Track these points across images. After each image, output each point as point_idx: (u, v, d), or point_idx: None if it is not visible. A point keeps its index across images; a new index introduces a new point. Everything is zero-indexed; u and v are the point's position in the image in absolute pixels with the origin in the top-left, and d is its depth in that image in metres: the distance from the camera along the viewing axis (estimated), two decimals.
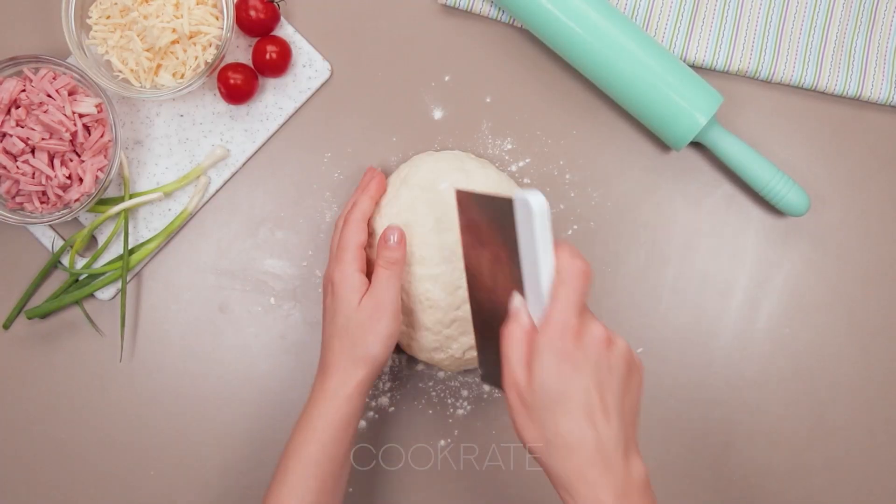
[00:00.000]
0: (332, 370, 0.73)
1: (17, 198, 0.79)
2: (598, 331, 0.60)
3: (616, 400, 0.59)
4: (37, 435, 0.83)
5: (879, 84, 0.83)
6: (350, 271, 0.73)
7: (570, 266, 0.60)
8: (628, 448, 0.59)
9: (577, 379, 0.58)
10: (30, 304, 0.83)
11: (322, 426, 0.72)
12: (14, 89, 0.77)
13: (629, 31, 0.79)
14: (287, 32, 0.84)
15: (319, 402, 0.72)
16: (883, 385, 0.84)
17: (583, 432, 0.58)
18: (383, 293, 0.73)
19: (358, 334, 0.72)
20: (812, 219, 0.84)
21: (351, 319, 0.72)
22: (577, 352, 0.59)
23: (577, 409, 0.58)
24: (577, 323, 0.59)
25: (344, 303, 0.73)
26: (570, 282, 0.60)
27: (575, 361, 0.58)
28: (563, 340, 0.59)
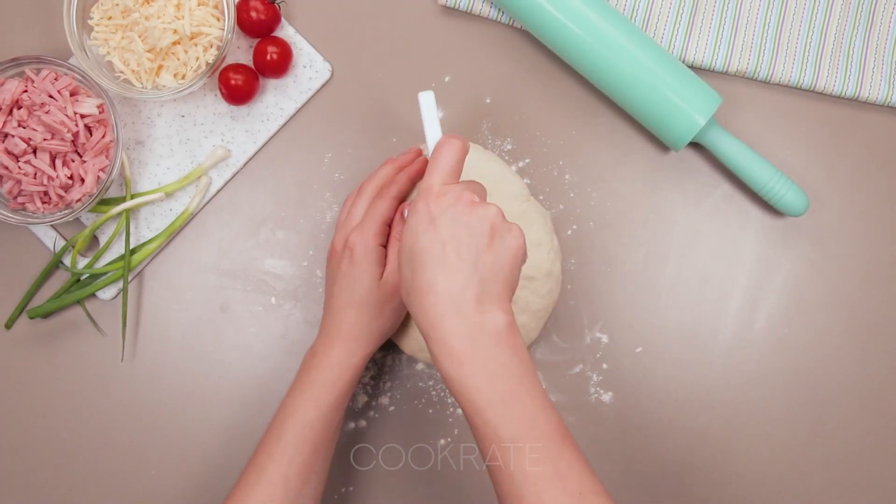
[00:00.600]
0: (342, 338, 0.73)
1: (19, 198, 0.79)
2: (462, 195, 0.64)
3: (471, 253, 0.62)
4: (38, 434, 0.83)
5: (878, 84, 0.84)
6: (374, 244, 0.73)
7: (444, 142, 0.66)
8: (483, 299, 0.61)
9: (432, 234, 0.62)
10: (31, 304, 0.84)
11: (324, 392, 0.72)
12: (16, 90, 0.77)
13: (628, 31, 0.79)
14: (288, 33, 0.84)
15: (325, 367, 0.72)
16: (882, 384, 0.84)
17: (433, 280, 0.61)
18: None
19: (377, 309, 0.73)
20: (811, 219, 0.85)
21: (371, 293, 0.73)
22: (435, 209, 0.63)
23: (430, 261, 0.62)
24: (440, 187, 0.64)
25: (366, 274, 0.73)
26: (436, 153, 0.66)
27: (432, 218, 0.63)
28: (424, 201, 0.63)
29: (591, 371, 0.84)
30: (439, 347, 0.60)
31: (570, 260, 0.84)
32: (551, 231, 0.79)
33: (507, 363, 0.60)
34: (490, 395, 0.59)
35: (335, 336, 0.73)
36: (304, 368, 0.74)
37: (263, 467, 0.70)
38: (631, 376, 0.84)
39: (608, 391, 0.84)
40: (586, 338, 0.84)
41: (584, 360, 0.84)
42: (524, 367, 0.61)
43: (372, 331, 0.73)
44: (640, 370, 0.84)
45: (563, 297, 0.83)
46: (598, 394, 0.84)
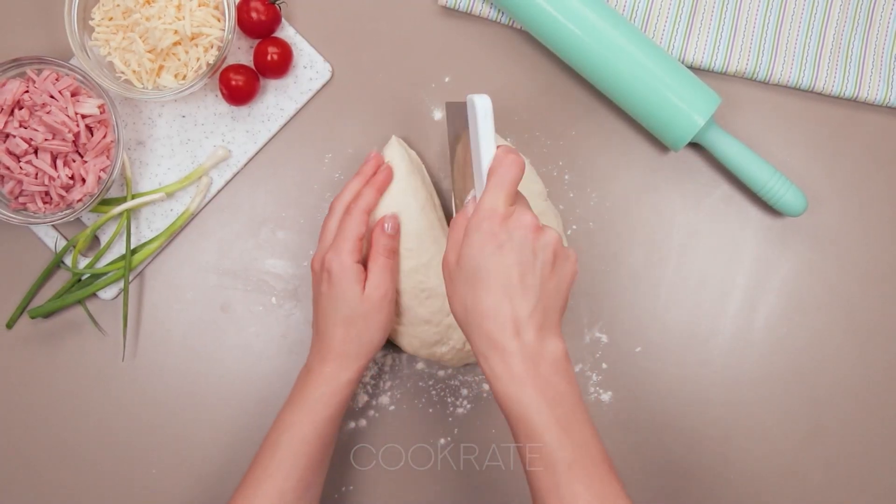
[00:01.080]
0: (334, 356, 0.74)
1: (21, 198, 0.79)
2: (527, 218, 0.64)
3: (536, 280, 0.63)
4: (39, 433, 0.84)
5: (876, 85, 0.84)
6: (349, 262, 0.74)
7: (503, 157, 0.65)
8: (545, 326, 0.63)
9: (499, 257, 0.63)
10: (33, 304, 0.84)
11: (319, 407, 0.73)
12: (17, 90, 0.77)
13: (628, 32, 0.79)
14: (288, 34, 0.84)
15: (320, 384, 0.73)
16: (880, 384, 0.84)
17: (498, 304, 0.62)
18: (387, 283, 0.74)
19: (363, 324, 0.74)
20: (809, 219, 0.85)
21: (356, 309, 0.73)
22: (502, 233, 0.63)
23: (495, 284, 0.62)
24: (505, 208, 0.64)
25: (347, 292, 0.73)
26: (499, 170, 0.65)
27: (499, 241, 0.63)
28: (490, 222, 0.63)
29: (591, 370, 0.84)
30: (502, 368, 0.61)
31: None
32: (562, 231, 0.79)
33: (564, 390, 0.62)
34: (549, 419, 0.60)
35: (326, 354, 0.74)
36: (299, 386, 0.75)
37: (259, 482, 0.71)
38: (630, 376, 0.84)
39: (607, 391, 0.84)
40: (586, 337, 0.84)
41: (583, 359, 0.84)
42: (577, 395, 0.63)
43: (362, 345, 0.74)
44: (639, 370, 0.84)
45: None
46: (598, 393, 0.84)
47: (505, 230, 0.63)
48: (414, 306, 0.77)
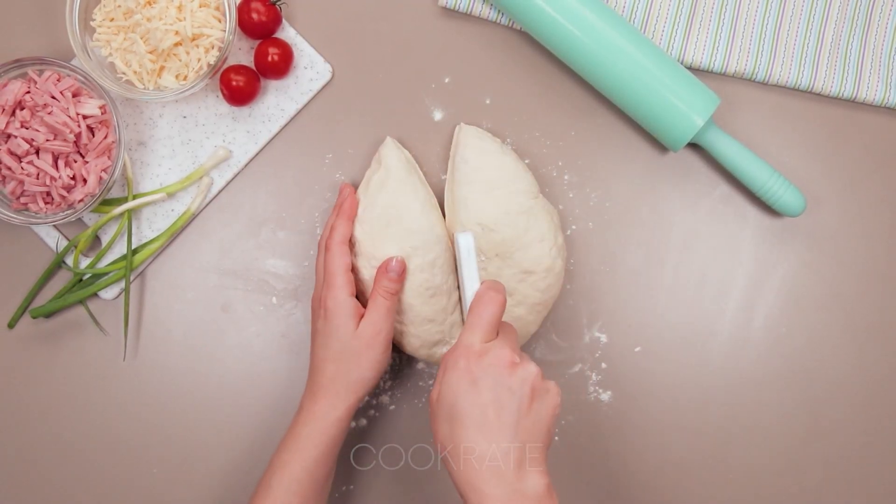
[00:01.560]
0: (324, 393, 0.74)
1: (22, 198, 0.79)
2: (503, 353, 0.64)
3: (512, 417, 0.63)
4: (41, 433, 0.84)
5: (875, 86, 0.84)
6: (343, 297, 0.74)
7: (483, 294, 0.67)
8: (524, 463, 0.62)
9: (474, 395, 0.63)
10: (34, 304, 0.84)
11: (309, 446, 0.73)
12: (19, 91, 0.77)
13: (627, 33, 0.79)
14: (289, 35, 0.84)
15: (308, 422, 0.74)
16: (878, 384, 0.85)
17: (475, 444, 0.62)
18: (381, 322, 0.74)
19: (354, 361, 0.73)
20: (808, 219, 0.85)
21: (347, 346, 0.73)
22: (477, 370, 0.63)
23: (471, 423, 0.62)
24: (481, 345, 0.64)
25: (340, 328, 0.73)
26: (477, 308, 0.67)
27: (473, 379, 0.63)
28: (466, 359, 0.65)
29: (590, 370, 0.84)
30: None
31: (570, 260, 0.84)
32: (557, 228, 0.79)
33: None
34: None
35: (317, 391, 0.74)
36: (292, 425, 0.75)
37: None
38: (629, 375, 0.84)
39: (607, 390, 0.84)
40: (585, 337, 0.84)
41: (583, 359, 0.84)
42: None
43: (352, 382, 0.74)
44: (638, 369, 0.84)
45: (562, 296, 0.84)
46: (597, 393, 0.84)
47: (479, 367, 0.64)
48: (417, 305, 0.77)
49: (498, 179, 0.78)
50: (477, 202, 0.77)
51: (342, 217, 0.77)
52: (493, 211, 0.77)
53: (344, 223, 0.77)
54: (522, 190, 0.78)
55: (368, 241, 0.77)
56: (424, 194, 0.79)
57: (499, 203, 0.77)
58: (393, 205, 0.77)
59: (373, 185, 0.78)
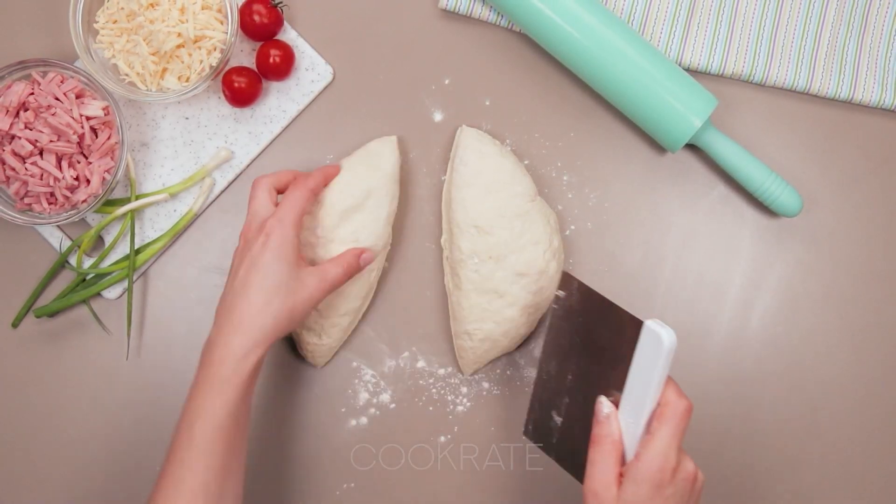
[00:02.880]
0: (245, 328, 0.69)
1: (26, 199, 0.80)
2: (690, 468, 0.64)
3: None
4: (44, 431, 0.84)
5: (871, 87, 0.84)
6: (292, 234, 0.72)
7: (677, 404, 0.64)
8: None
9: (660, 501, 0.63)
10: (38, 303, 0.84)
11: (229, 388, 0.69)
12: (23, 92, 0.78)
13: (626, 35, 0.80)
14: (290, 36, 0.85)
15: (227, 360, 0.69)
16: (874, 382, 0.85)
17: None
18: (330, 281, 0.73)
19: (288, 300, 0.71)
20: (805, 219, 0.85)
21: (285, 282, 0.70)
22: (670, 486, 0.63)
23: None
24: (676, 460, 0.63)
25: (282, 262, 0.71)
26: (674, 419, 0.63)
27: (665, 495, 0.63)
28: (662, 474, 0.63)
29: None
30: None
31: (569, 260, 0.85)
32: (553, 231, 0.80)
33: None
34: None
35: (238, 325, 0.69)
36: (205, 363, 0.70)
37: (181, 478, 0.68)
38: None
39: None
40: None
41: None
42: None
43: (277, 320, 0.70)
44: None
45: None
46: None
47: (672, 484, 0.63)
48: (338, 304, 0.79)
49: (496, 182, 0.78)
50: (474, 204, 0.78)
51: (322, 173, 0.77)
52: (489, 213, 0.78)
53: (321, 178, 0.76)
54: (520, 193, 0.79)
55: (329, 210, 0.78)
56: (395, 206, 0.81)
57: (495, 206, 0.78)
58: (372, 195, 0.78)
59: (367, 164, 0.79)
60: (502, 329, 0.79)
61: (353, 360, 0.84)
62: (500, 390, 0.84)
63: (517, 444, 0.83)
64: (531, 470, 0.83)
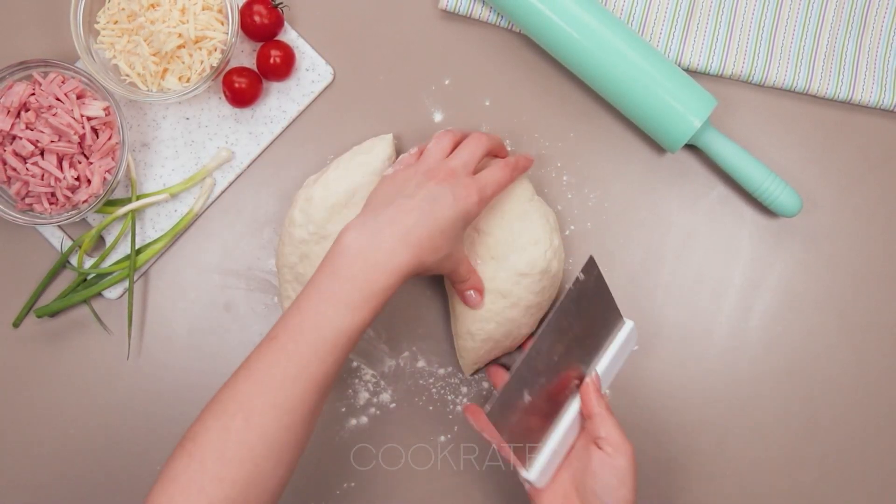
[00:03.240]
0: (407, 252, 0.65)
1: (27, 199, 0.80)
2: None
3: None
4: (45, 430, 0.84)
5: (870, 87, 0.85)
6: (479, 213, 0.71)
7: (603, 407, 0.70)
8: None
9: None
10: (39, 303, 0.85)
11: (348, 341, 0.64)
12: (24, 93, 0.78)
13: (625, 35, 0.80)
14: (291, 37, 0.85)
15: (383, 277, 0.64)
16: (873, 382, 0.85)
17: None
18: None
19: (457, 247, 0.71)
20: (804, 219, 0.86)
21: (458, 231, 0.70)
22: None
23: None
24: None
25: (462, 224, 0.69)
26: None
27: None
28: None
29: None
30: None
31: (568, 260, 0.85)
32: (553, 230, 0.80)
33: None
34: None
35: (403, 238, 0.65)
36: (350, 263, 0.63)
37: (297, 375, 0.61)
38: (627, 373, 0.84)
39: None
40: None
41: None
42: None
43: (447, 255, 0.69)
44: (635, 367, 0.85)
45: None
46: None
47: None
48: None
49: None
50: None
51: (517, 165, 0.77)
52: (487, 215, 0.78)
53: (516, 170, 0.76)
54: (517, 194, 0.79)
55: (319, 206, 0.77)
56: None
57: (493, 207, 0.78)
58: (359, 191, 0.78)
59: (356, 161, 0.79)
60: (505, 329, 0.79)
61: (353, 359, 0.85)
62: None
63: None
64: None
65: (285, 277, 0.80)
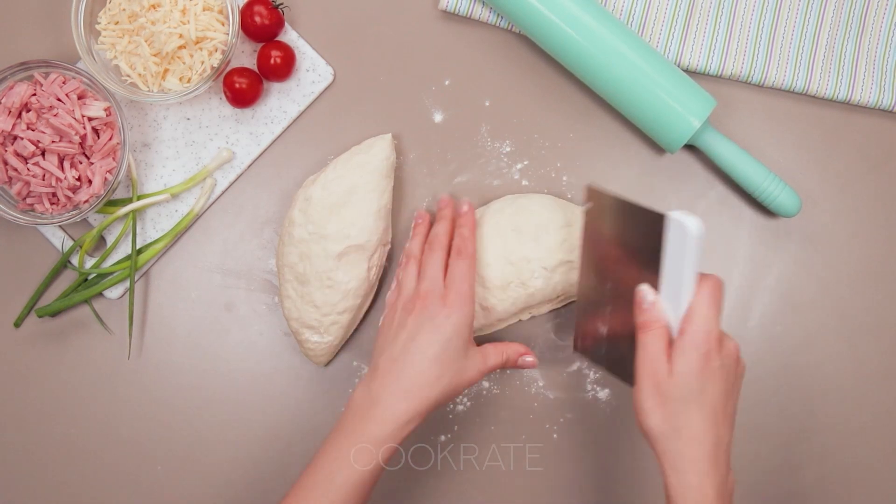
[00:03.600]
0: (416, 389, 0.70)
1: (28, 199, 0.80)
2: (733, 345, 0.67)
3: (734, 408, 0.67)
4: (46, 430, 0.85)
5: (868, 88, 0.85)
6: (470, 309, 0.73)
7: (712, 281, 0.66)
8: (728, 455, 0.66)
9: (714, 381, 0.65)
10: (40, 303, 0.85)
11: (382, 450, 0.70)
12: (25, 93, 0.78)
13: (625, 36, 0.80)
14: (291, 38, 0.85)
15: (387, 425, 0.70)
16: (872, 381, 0.85)
17: (707, 429, 0.65)
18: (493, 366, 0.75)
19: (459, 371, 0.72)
20: (803, 219, 0.86)
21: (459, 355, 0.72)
22: (717, 357, 0.65)
23: (709, 408, 0.65)
24: (719, 331, 0.66)
25: (462, 339, 0.72)
26: (712, 294, 0.66)
27: (713, 366, 0.65)
28: (708, 344, 0.65)
29: (588, 368, 0.85)
30: (696, 491, 0.64)
31: None
32: None
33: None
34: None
35: (407, 392, 0.70)
36: (361, 416, 0.70)
37: None
38: None
39: (604, 388, 0.85)
40: None
41: (581, 357, 0.85)
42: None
43: (443, 395, 0.71)
44: None
45: None
46: (595, 391, 0.85)
47: (719, 355, 0.65)
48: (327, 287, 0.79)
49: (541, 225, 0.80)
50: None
51: (469, 229, 0.77)
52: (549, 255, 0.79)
53: (472, 237, 0.76)
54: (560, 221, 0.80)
55: (318, 206, 0.78)
56: (386, 201, 0.81)
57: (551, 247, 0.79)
58: (356, 191, 0.79)
59: (354, 161, 0.80)
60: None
61: (353, 359, 0.85)
62: (500, 390, 0.84)
63: (517, 444, 0.84)
64: (531, 470, 0.84)
65: (285, 277, 0.80)
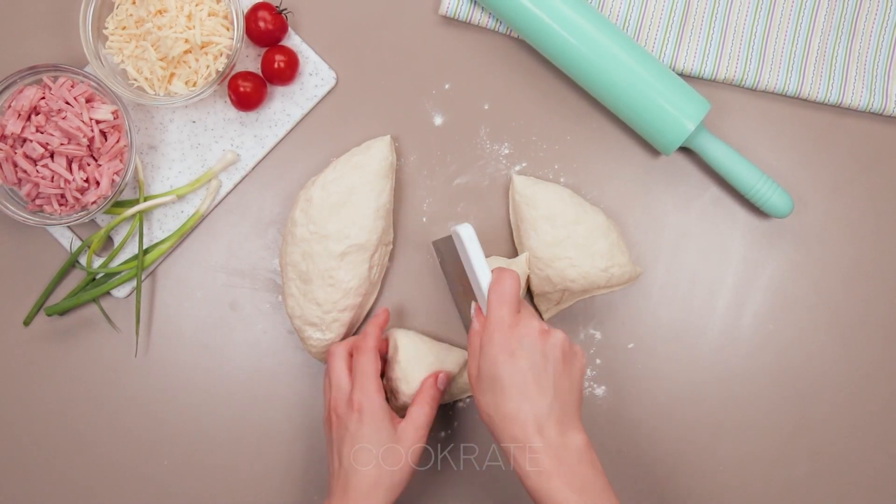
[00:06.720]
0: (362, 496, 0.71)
1: (37, 200, 0.81)
2: (533, 324, 0.68)
3: (549, 381, 0.67)
4: (55, 426, 0.85)
5: (859, 92, 0.86)
6: (380, 401, 0.73)
7: (499, 274, 0.70)
8: (564, 421, 0.67)
9: (513, 364, 0.67)
10: (49, 302, 0.85)
11: None
12: (34, 97, 0.78)
13: (621, 41, 0.81)
14: (294, 42, 0.86)
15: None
16: (863, 378, 0.86)
17: (518, 407, 0.66)
18: (424, 428, 0.74)
19: (396, 463, 0.72)
20: (795, 220, 0.86)
21: (390, 448, 0.72)
22: (513, 341, 0.67)
23: (513, 389, 0.67)
24: (511, 318, 0.68)
25: (381, 430, 0.72)
26: (498, 287, 0.70)
27: (511, 350, 0.67)
28: (500, 333, 0.68)
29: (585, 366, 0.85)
30: (530, 466, 0.65)
31: None
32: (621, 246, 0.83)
33: (590, 478, 0.66)
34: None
35: (352, 494, 0.71)
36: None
37: None
38: (623, 371, 0.85)
39: (601, 385, 0.85)
40: (580, 334, 0.85)
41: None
42: (602, 480, 0.67)
43: (395, 485, 0.72)
44: (631, 365, 0.85)
45: None
46: (592, 388, 0.85)
47: (515, 338, 0.67)
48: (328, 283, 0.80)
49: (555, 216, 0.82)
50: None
51: (373, 324, 0.78)
52: None
53: (375, 330, 0.77)
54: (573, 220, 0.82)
55: (319, 206, 0.79)
56: (385, 201, 0.81)
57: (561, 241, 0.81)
58: (356, 191, 0.79)
59: (353, 162, 0.81)
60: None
61: None
62: None
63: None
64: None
65: (289, 275, 0.81)
